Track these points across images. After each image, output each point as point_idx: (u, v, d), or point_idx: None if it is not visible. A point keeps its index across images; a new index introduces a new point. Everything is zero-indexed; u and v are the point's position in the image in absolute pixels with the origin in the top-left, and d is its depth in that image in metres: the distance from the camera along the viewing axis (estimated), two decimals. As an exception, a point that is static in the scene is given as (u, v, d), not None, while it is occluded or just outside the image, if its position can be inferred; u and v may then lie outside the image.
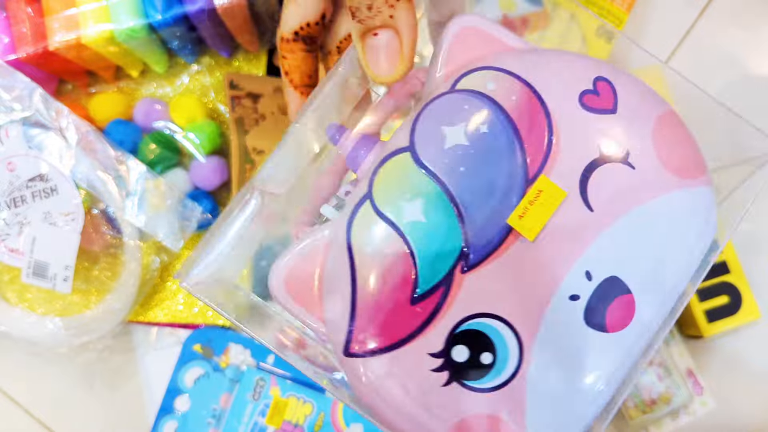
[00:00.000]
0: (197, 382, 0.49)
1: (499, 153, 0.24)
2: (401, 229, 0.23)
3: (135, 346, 0.51)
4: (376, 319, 0.23)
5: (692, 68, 0.54)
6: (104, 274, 0.49)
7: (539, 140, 0.24)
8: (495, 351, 0.23)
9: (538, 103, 0.25)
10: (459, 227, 0.23)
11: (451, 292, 0.23)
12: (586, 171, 0.24)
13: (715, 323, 0.48)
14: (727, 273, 0.48)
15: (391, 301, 0.23)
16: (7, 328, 0.47)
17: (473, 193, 0.23)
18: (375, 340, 0.23)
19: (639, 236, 0.24)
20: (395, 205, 0.23)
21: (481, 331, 0.23)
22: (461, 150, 0.24)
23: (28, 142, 0.46)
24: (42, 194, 0.46)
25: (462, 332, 0.23)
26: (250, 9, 0.46)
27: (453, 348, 0.23)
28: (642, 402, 0.48)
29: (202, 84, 0.52)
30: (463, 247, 0.23)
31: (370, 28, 0.24)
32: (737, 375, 0.51)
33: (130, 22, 0.45)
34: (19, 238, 0.46)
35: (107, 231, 0.47)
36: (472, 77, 0.25)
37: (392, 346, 0.23)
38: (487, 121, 0.24)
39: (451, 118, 0.24)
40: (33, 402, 0.51)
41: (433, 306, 0.23)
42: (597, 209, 0.24)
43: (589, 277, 0.24)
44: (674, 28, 0.54)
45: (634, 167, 0.25)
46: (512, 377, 0.24)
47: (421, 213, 0.23)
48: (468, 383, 0.23)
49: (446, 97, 0.25)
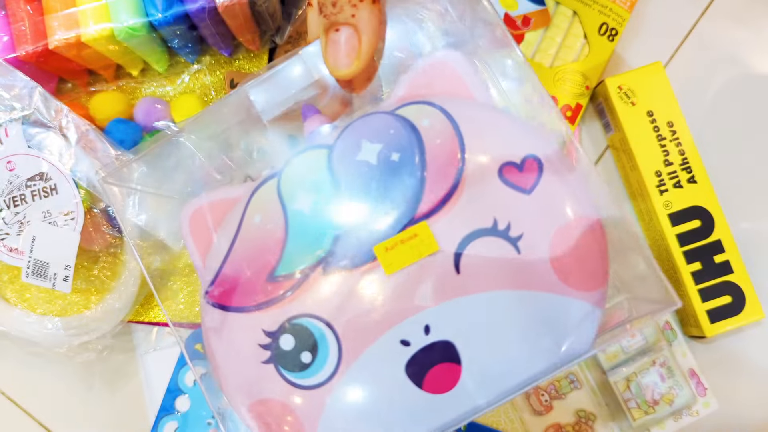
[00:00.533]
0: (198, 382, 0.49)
1: (396, 184, 0.25)
2: (287, 213, 0.25)
3: (135, 345, 0.51)
4: (235, 279, 0.26)
5: (694, 67, 0.54)
6: (104, 273, 0.48)
7: (440, 189, 0.25)
8: (316, 355, 0.25)
9: (458, 156, 0.25)
10: (334, 233, 0.25)
11: (303, 285, 0.25)
12: (472, 235, 0.24)
13: (718, 323, 0.48)
14: (731, 273, 0.48)
15: (252, 270, 0.26)
16: (7, 328, 0.47)
17: (359, 209, 0.25)
18: (226, 296, 0.26)
19: (495, 317, 0.24)
20: (293, 192, 0.26)
21: (311, 331, 0.25)
22: (367, 167, 0.25)
23: (28, 141, 0.45)
24: (42, 193, 0.46)
25: (296, 324, 0.25)
26: (251, 8, 0.46)
27: (283, 334, 0.25)
28: (644, 402, 0.47)
29: (202, 83, 0.52)
30: (329, 252, 0.25)
31: (333, 24, 0.25)
32: (740, 375, 0.50)
33: (131, 21, 0.45)
34: (18, 238, 0.46)
35: (107, 230, 0.47)
36: (415, 108, 0.26)
37: (236, 308, 0.26)
38: (401, 151, 0.25)
39: (373, 135, 0.26)
40: (32, 402, 0.51)
41: (283, 290, 0.25)
42: (464, 274, 0.24)
43: (427, 331, 0.24)
44: (676, 27, 0.54)
45: (520, 252, 0.24)
46: (319, 385, 0.25)
47: (310, 206, 0.25)
48: (282, 371, 0.25)
49: (382, 115, 0.26)
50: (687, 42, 0.54)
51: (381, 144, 0.25)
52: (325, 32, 0.25)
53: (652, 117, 0.49)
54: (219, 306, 0.26)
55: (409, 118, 0.26)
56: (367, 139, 0.26)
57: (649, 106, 0.49)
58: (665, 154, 0.49)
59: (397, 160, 0.25)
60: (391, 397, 0.25)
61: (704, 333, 0.48)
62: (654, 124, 0.49)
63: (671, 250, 0.48)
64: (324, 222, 0.25)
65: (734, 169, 0.52)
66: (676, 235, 0.48)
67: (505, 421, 0.49)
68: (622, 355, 0.48)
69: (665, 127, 0.49)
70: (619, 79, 0.49)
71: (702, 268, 0.48)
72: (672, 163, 0.49)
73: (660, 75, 0.50)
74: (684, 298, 0.49)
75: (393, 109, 0.26)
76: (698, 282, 0.48)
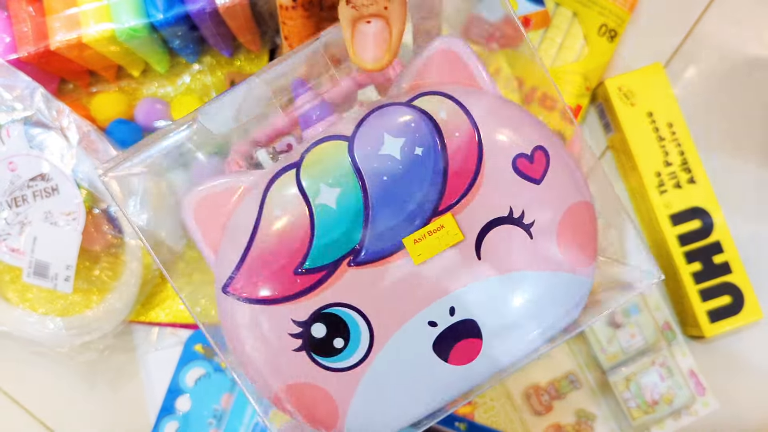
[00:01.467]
0: (198, 382, 0.49)
1: (421, 178, 0.26)
2: (312, 208, 0.25)
3: (136, 345, 0.51)
4: (260, 273, 0.26)
5: (694, 68, 0.54)
6: (105, 273, 0.48)
7: (462, 181, 0.26)
8: (348, 340, 0.26)
9: (476, 149, 0.26)
10: (361, 226, 0.26)
11: (332, 277, 0.26)
12: (490, 224, 0.26)
13: (717, 323, 0.48)
14: (730, 273, 0.48)
15: (278, 264, 0.25)
16: (8, 328, 0.47)
17: (385, 202, 0.26)
18: (251, 290, 0.26)
19: (511, 295, 0.27)
20: (316, 185, 0.25)
21: (343, 319, 0.26)
22: (391, 161, 0.26)
23: (30, 142, 0.46)
24: (43, 194, 0.46)
25: (327, 313, 0.26)
26: (252, 8, 0.46)
27: (315, 323, 0.26)
28: (644, 402, 0.48)
29: (203, 83, 0.52)
30: (357, 245, 0.26)
31: (363, 16, 0.24)
32: (739, 375, 0.50)
33: (132, 22, 0.45)
34: (20, 238, 0.46)
35: (108, 230, 0.47)
36: (430, 99, 0.26)
37: (264, 301, 0.26)
38: (424, 145, 0.26)
39: (395, 129, 0.26)
40: (34, 402, 0.51)
41: (312, 282, 0.26)
42: (484, 259, 0.26)
43: (452, 312, 0.26)
44: (676, 28, 0.54)
45: (533, 237, 0.27)
46: (352, 367, 0.26)
47: (335, 200, 0.25)
48: (315, 356, 0.26)
49: (401, 108, 0.26)
50: (687, 43, 0.54)
51: (403, 138, 0.26)
52: (352, 23, 0.25)
53: (651, 118, 0.49)
54: (243, 299, 0.26)
55: (427, 110, 0.26)
56: (388, 132, 0.26)
57: (649, 107, 0.49)
58: (665, 155, 0.49)
59: (420, 155, 0.26)
60: (419, 373, 0.27)
61: (703, 333, 0.48)
62: (654, 125, 0.49)
63: (671, 250, 0.48)
64: (351, 215, 0.25)
65: (734, 170, 0.52)
66: (677, 236, 0.48)
67: (505, 421, 0.49)
68: (621, 355, 0.48)
69: (665, 128, 0.49)
70: (619, 80, 0.50)
71: (702, 268, 0.48)
72: (672, 163, 0.49)
73: (660, 76, 0.50)
74: (684, 298, 0.49)
75: (408, 100, 0.26)
76: (698, 282, 0.48)
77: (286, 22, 0.30)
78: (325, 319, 0.26)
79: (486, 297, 0.26)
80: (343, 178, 0.25)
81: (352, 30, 0.25)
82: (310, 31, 0.30)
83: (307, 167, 0.26)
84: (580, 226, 0.28)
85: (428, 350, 0.27)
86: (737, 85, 0.53)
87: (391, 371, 0.27)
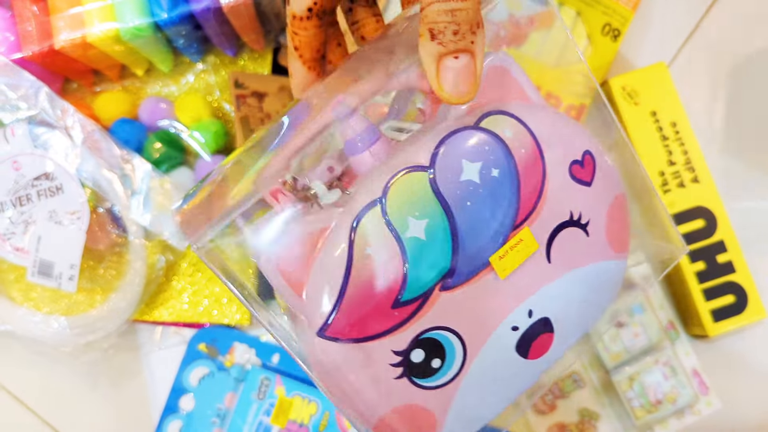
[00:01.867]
0: (202, 381, 0.49)
1: (500, 198, 0.27)
2: (403, 242, 0.26)
3: (140, 345, 0.51)
4: (357, 312, 0.26)
5: (697, 68, 0.54)
6: (109, 273, 0.48)
7: (532, 195, 0.27)
8: (444, 359, 0.27)
9: (540, 163, 0.28)
10: (450, 253, 0.26)
11: (426, 304, 0.26)
12: (556, 230, 0.28)
13: (720, 323, 0.48)
14: (733, 272, 0.48)
15: (375, 301, 0.26)
16: (13, 327, 0.47)
17: (470, 227, 0.26)
18: (351, 330, 0.26)
19: (575, 289, 0.29)
20: (403, 219, 0.26)
21: (440, 341, 0.27)
22: (472, 186, 0.26)
23: (34, 141, 0.46)
24: (47, 193, 0.46)
25: (425, 339, 0.27)
26: (256, 8, 0.46)
27: (414, 350, 0.27)
28: (648, 402, 0.48)
29: (207, 83, 0.52)
30: (448, 271, 0.26)
31: (450, 51, 0.24)
32: (743, 375, 0.50)
33: (136, 21, 0.45)
34: (24, 237, 0.46)
35: (113, 230, 0.47)
36: (495, 119, 0.27)
37: (364, 339, 0.26)
38: (499, 166, 0.27)
39: (471, 154, 0.26)
40: (38, 401, 0.51)
41: (409, 313, 0.26)
42: (553, 262, 0.28)
43: (530, 314, 0.28)
44: (679, 27, 0.54)
45: (588, 234, 0.29)
46: (449, 381, 0.28)
47: (424, 232, 0.26)
48: (415, 380, 0.27)
49: (472, 132, 0.27)
50: (690, 42, 0.54)
51: (480, 162, 0.26)
52: (438, 58, 0.25)
53: (655, 117, 0.49)
54: (342, 340, 0.26)
55: (495, 130, 0.27)
56: (466, 158, 0.26)
57: (653, 107, 0.49)
58: (669, 154, 0.49)
59: (497, 176, 0.27)
60: (504, 373, 0.29)
61: (707, 332, 0.48)
62: (657, 125, 0.49)
63: (675, 249, 0.48)
64: (440, 244, 0.26)
65: (737, 169, 0.52)
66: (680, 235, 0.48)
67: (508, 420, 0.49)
68: (625, 354, 0.48)
69: (669, 128, 0.49)
70: (622, 79, 0.50)
71: (705, 268, 0.48)
72: (675, 163, 0.49)
73: (663, 75, 0.50)
74: (687, 297, 0.49)
75: (475, 123, 0.27)
76: (701, 281, 0.48)
77: (298, 32, 0.29)
78: (423, 344, 0.27)
79: (556, 294, 0.29)
80: (429, 209, 0.26)
81: (437, 65, 0.25)
82: (320, 41, 0.30)
83: (392, 202, 0.26)
84: (620, 216, 0.30)
85: (512, 352, 0.29)
86: (741, 84, 0.53)
87: (481, 378, 0.28)
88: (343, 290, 0.26)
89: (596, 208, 0.29)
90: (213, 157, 0.49)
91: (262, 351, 0.50)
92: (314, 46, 0.30)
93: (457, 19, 0.24)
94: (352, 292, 0.26)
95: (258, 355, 0.50)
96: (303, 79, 0.31)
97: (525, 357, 0.29)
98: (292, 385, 0.49)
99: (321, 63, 0.31)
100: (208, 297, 0.51)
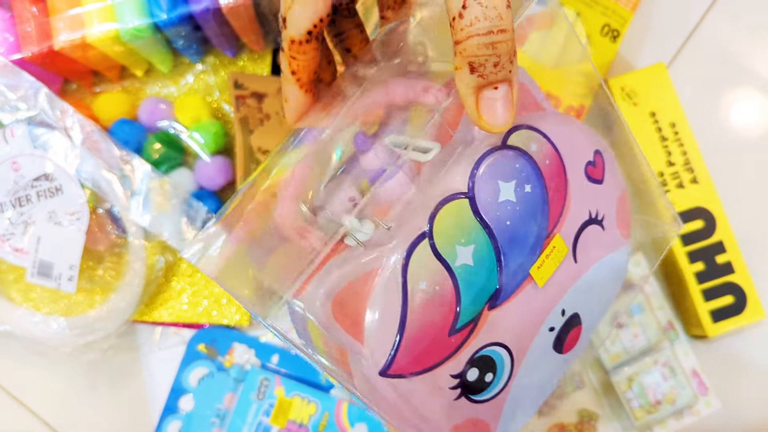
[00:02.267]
0: (201, 381, 0.49)
1: (534, 212, 0.27)
2: (454, 272, 0.26)
3: (139, 345, 0.51)
4: (418, 347, 0.26)
5: (696, 68, 0.54)
6: (109, 273, 0.48)
7: (558, 203, 0.28)
8: (496, 372, 0.28)
9: (562, 171, 0.28)
10: (496, 273, 0.27)
11: (478, 325, 0.27)
12: (579, 230, 0.29)
13: (719, 323, 0.48)
14: (732, 273, 0.48)
15: (433, 334, 0.26)
16: (12, 328, 0.47)
17: (512, 245, 0.27)
18: (411, 366, 0.26)
19: (596, 282, 0.31)
20: (452, 249, 0.26)
21: (491, 357, 0.28)
22: (510, 206, 0.27)
23: (33, 142, 0.46)
24: (47, 193, 0.46)
25: (478, 357, 0.27)
26: (255, 9, 0.46)
27: (469, 371, 0.27)
28: (647, 402, 0.48)
29: (206, 83, 0.52)
30: (495, 290, 0.27)
31: (490, 83, 0.24)
32: (742, 375, 0.50)
33: (135, 22, 0.45)
34: (23, 238, 0.46)
35: (112, 230, 0.47)
36: (519, 135, 0.28)
37: (426, 370, 0.26)
38: (531, 182, 0.27)
39: (506, 174, 0.27)
40: (37, 401, 0.51)
41: (463, 338, 0.27)
42: (579, 261, 0.30)
43: (563, 313, 0.30)
44: (679, 28, 0.54)
45: (604, 228, 0.31)
46: (500, 391, 0.29)
47: (471, 258, 0.26)
48: (471, 397, 0.28)
49: (502, 152, 0.27)
50: (689, 43, 0.54)
51: (514, 180, 0.27)
52: (477, 90, 0.24)
53: (654, 118, 0.49)
54: (405, 376, 0.26)
55: (521, 146, 0.28)
56: (501, 179, 0.27)
57: (652, 107, 0.49)
58: (668, 155, 0.49)
59: (530, 191, 0.27)
60: (545, 371, 0.31)
61: (706, 333, 0.48)
62: (657, 125, 0.49)
63: (674, 250, 0.48)
64: (486, 266, 0.27)
65: (736, 169, 0.52)
66: (679, 235, 0.48)
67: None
68: (624, 355, 0.48)
69: (668, 128, 0.49)
70: (622, 80, 0.50)
71: (705, 268, 0.48)
72: (674, 163, 0.49)
73: (663, 76, 0.50)
74: (686, 298, 0.49)
75: (503, 141, 0.27)
76: (701, 282, 0.48)
77: (296, 57, 0.28)
78: (476, 362, 0.27)
79: (582, 289, 0.30)
80: (474, 235, 0.26)
81: (476, 97, 0.25)
82: (317, 63, 0.29)
83: (439, 234, 0.26)
84: (626, 205, 0.32)
85: (550, 350, 0.30)
86: (740, 84, 0.53)
87: (526, 380, 0.30)
88: (402, 329, 0.26)
89: (608, 203, 0.31)
90: (212, 158, 0.49)
91: (262, 351, 0.50)
92: (312, 68, 0.29)
93: (497, 51, 0.23)
94: (410, 329, 0.26)
95: (257, 356, 0.50)
96: (301, 105, 0.30)
97: (560, 353, 0.31)
98: (292, 385, 0.49)
99: (316, 85, 0.30)
100: (207, 297, 0.51)
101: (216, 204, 0.49)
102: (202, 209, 0.48)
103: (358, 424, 0.48)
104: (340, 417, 0.48)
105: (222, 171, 0.49)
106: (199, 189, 0.50)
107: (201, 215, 0.48)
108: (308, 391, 0.49)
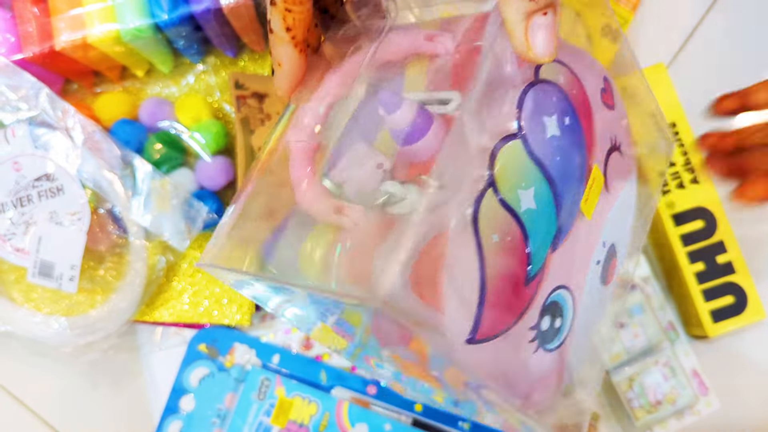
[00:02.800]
0: (202, 381, 0.49)
1: (576, 144, 0.26)
2: (521, 218, 0.24)
3: (140, 345, 0.51)
4: (500, 304, 0.24)
5: (696, 68, 0.54)
6: (110, 273, 0.49)
7: (589, 133, 0.27)
8: (564, 316, 0.27)
9: (586, 99, 0.27)
10: (555, 213, 0.26)
11: (545, 270, 0.26)
12: (606, 158, 0.28)
13: (720, 323, 0.48)
14: (733, 273, 0.48)
15: (512, 286, 0.24)
16: (13, 328, 0.47)
17: (565, 180, 0.26)
18: (497, 326, 0.24)
19: (623, 209, 0.31)
20: (515, 195, 0.24)
21: (558, 302, 0.27)
22: (556, 141, 0.26)
23: (35, 142, 0.46)
24: (48, 194, 0.46)
25: (548, 304, 0.26)
26: (256, 9, 0.46)
27: (542, 319, 0.26)
28: (647, 402, 0.48)
29: (207, 84, 0.52)
30: (556, 231, 0.26)
31: (541, 7, 0.23)
32: (742, 375, 0.51)
33: (136, 22, 0.45)
34: (25, 238, 0.46)
35: (113, 231, 0.48)
36: (548, 67, 0.26)
37: (509, 327, 0.25)
38: (568, 113, 0.26)
39: (547, 109, 0.26)
40: (38, 401, 0.51)
41: (537, 284, 0.25)
42: (610, 190, 0.29)
43: (604, 245, 0.29)
44: (679, 28, 0.54)
45: (622, 154, 0.30)
46: (567, 335, 0.28)
47: (533, 200, 0.25)
48: (547, 347, 0.27)
49: (540, 87, 0.26)
50: (689, 43, 0.54)
51: (555, 114, 0.26)
52: (528, 16, 0.23)
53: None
54: (492, 338, 0.24)
55: (552, 79, 0.26)
56: (545, 114, 0.26)
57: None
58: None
59: (569, 124, 0.26)
60: (595, 306, 0.30)
61: (707, 333, 0.48)
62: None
63: (675, 250, 0.48)
64: (547, 207, 0.25)
65: (736, 169, 0.52)
66: (680, 235, 0.48)
67: (508, 421, 0.49)
68: (624, 355, 0.48)
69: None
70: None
71: (705, 268, 0.48)
72: (675, 163, 0.49)
73: (663, 76, 0.50)
74: (687, 298, 0.49)
75: (535, 75, 0.26)
76: (701, 282, 0.48)
77: (292, 9, 0.26)
78: (548, 310, 0.27)
79: (614, 220, 0.30)
80: (532, 177, 0.25)
81: (527, 23, 0.23)
82: (311, 16, 0.27)
83: (501, 181, 0.24)
84: (629, 130, 0.32)
85: (598, 284, 0.30)
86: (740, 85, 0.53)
87: (584, 317, 0.29)
88: (483, 289, 0.23)
89: (621, 127, 0.30)
90: (213, 158, 0.49)
91: (263, 351, 0.50)
92: (308, 22, 0.26)
93: None
94: (491, 286, 0.24)
95: (258, 356, 0.50)
96: (297, 69, 0.27)
97: (605, 284, 0.30)
98: (292, 385, 0.49)
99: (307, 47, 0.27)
100: (208, 297, 0.51)
101: (217, 204, 0.49)
102: (203, 209, 0.48)
103: (358, 424, 0.48)
104: (340, 417, 0.48)
105: (223, 171, 0.49)
106: (200, 189, 0.50)
107: (202, 215, 0.48)
108: (309, 392, 0.49)
